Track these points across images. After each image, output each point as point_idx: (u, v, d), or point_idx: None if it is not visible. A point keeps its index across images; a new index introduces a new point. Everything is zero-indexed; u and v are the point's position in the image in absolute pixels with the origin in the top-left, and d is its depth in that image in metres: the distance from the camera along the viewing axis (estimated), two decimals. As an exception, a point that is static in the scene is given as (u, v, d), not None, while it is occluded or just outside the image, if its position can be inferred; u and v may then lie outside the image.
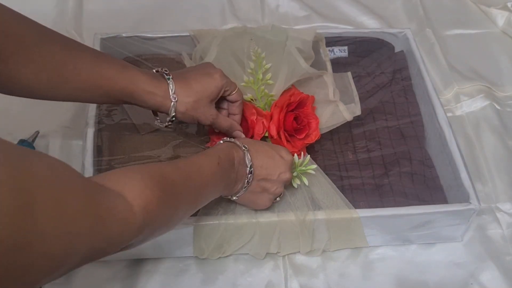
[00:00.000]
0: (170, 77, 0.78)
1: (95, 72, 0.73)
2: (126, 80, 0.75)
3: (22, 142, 0.91)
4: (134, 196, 0.55)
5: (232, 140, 0.76)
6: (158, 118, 0.83)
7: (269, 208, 0.80)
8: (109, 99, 0.77)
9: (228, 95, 0.83)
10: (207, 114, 0.81)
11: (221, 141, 0.76)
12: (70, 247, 0.46)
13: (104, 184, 0.54)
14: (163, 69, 0.79)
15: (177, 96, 0.77)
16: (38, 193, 0.42)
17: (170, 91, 0.77)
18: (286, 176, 0.77)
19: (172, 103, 0.78)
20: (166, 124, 0.82)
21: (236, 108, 0.85)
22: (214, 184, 0.70)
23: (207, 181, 0.68)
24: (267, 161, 0.76)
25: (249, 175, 0.74)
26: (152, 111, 0.83)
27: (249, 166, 0.74)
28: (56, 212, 0.44)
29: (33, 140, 0.93)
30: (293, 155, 0.87)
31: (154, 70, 0.80)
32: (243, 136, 0.86)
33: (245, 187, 0.75)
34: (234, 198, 0.76)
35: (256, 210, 0.80)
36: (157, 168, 0.62)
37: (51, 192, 0.44)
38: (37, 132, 0.94)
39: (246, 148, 0.75)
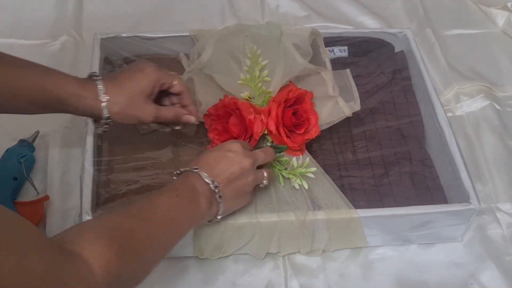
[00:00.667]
0: (99, 78, 0.76)
1: (20, 81, 0.72)
2: (52, 86, 0.73)
3: (22, 142, 0.91)
4: (93, 257, 0.54)
5: (182, 169, 0.73)
6: (98, 125, 0.80)
7: (269, 208, 0.80)
8: (34, 108, 0.75)
9: (168, 87, 0.81)
10: (146, 110, 0.78)
11: (174, 177, 0.74)
12: None
13: (65, 245, 0.53)
14: (92, 72, 0.78)
15: (108, 96, 0.75)
16: (0, 256, 0.42)
17: (99, 91, 0.75)
18: (245, 163, 0.74)
19: (104, 104, 0.75)
20: (103, 129, 0.79)
21: (185, 99, 0.83)
22: (180, 218, 0.68)
23: (170, 218, 0.66)
24: (220, 164, 0.73)
25: (216, 190, 0.72)
26: (93, 119, 0.81)
27: (210, 183, 0.71)
28: (19, 276, 0.43)
29: (33, 140, 0.93)
30: (293, 152, 0.88)
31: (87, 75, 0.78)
32: (193, 119, 0.83)
33: (220, 202, 0.72)
34: (218, 217, 0.74)
35: (256, 210, 0.80)
36: (112, 220, 0.61)
37: (14, 256, 0.43)
38: (37, 132, 0.94)
39: (197, 168, 0.72)
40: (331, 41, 1.03)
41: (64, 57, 1.09)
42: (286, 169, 0.85)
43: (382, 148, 0.93)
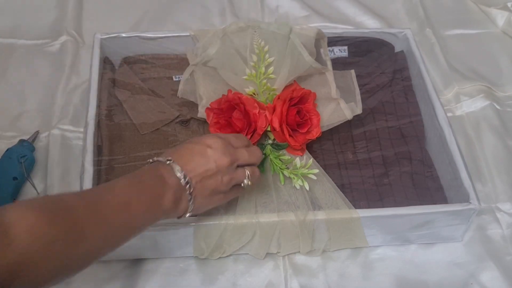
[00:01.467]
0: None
1: None
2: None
3: (22, 142, 0.91)
4: (13, 220, 0.51)
5: (155, 159, 0.69)
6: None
7: (269, 208, 0.80)
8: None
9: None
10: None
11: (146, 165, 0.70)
12: None
13: None
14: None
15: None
16: None
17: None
18: (222, 162, 0.70)
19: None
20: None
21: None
22: (136, 206, 0.63)
23: (125, 202, 0.62)
24: (196, 159, 0.69)
25: (187, 186, 0.67)
26: None
27: (182, 177, 0.67)
28: None
29: (33, 140, 0.93)
30: (293, 152, 0.88)
31: None
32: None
33: (190, 199, 0.68)
34: (187, 215, 0.70)
35: (256, 210, 0.80)
36: (55, 196, 0.58)
37: None
38: (37, 132, 0.94)
39: (170, 160, 0.68)
40: (331, 41, 1.03)
41: (64, 57, 1.10)
42: (287, 168, 0.85)
43: (382, 148, 0.93)
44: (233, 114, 0.86)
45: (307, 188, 0.82)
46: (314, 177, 0.83)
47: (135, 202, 0.63)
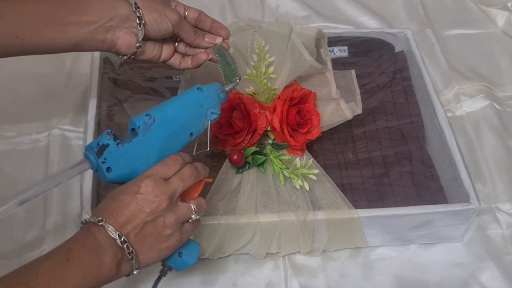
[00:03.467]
0: None
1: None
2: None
3: (215, 85, 0.73)
4: None
5: (86, 219, 0.62)
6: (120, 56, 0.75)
7: (269, 208, 0.80)
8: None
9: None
10: (170, 16, 0.73)
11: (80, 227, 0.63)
12: None
13: None
14: None
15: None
16: None
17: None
18: (157, 204, 0.62)
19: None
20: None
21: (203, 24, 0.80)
22: (70, 287, 0.56)
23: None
24: (127, 211, 0.61)
25: (125, 244, 0.60)
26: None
27: (117, 237, 0.60)
28: None
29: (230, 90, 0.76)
30: (294, 152, 0.88)
31: None
32: (217, 39, 0.79)
33: (132, 258, 0.61)
34: (135, 272, 0.63)
35: (256, 210, 0.80)
36: None
37: None
38: (237, 82, 0.76)
39: (102, 220, 0.60)
40: (331, 41, 1.03)
41: (64, 57, 1.09)
42: (287, 168, 0.85)
43: (383, 148, 0.93)
44: (233, 114, 0.86)
45: (307, 188, 0.82)
46: (314, 177, 0.83)
47: (67, 285, 0.56)
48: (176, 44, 0.79)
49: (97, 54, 0.95)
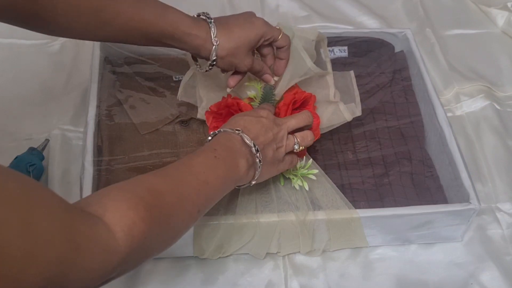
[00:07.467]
0: (212, 20, 0.78)
1: (136, 15, 0.73)
2: (167, 24, 0.75)
3: (31, 150, 0.89)
4: (115, 221, 0.50)
5: (221, 130, 0.72)
6: (197, 63, 0.85)
7: (269, 208, 0.80)
8: (148, 41, 0.77)
9: (273, 41, 0.83)
10: (245, 62, 0.81)
11: (209, 137, 0.72)
12: (34, 271, 0.41)
13: (86, 208, 0.50)
14: (205, 13, 0.80)
15: (218, 40, 0.77)
16: (2, 210, 0.39)
17: (212, 34, 0.77)
18: (276, 130, 0.75)
19: (214, 47, 0.77)
20: (206, 69, 0.81)
21: (282, 53, 0.85)
22: (216, 180, 0.65)
23: (205, 180, 0.63)
24: (257, 129, 0.72)
25: (258, 153, 0.71)
26: (192, 56, 0.84)
27: (252, 145, 0.70)
28: (23, 234, 0.40)
29: (43, 149, 0.91)
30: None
31: (195, 15, 0.80)
32: (272, 81, 0.86)
33: (259, 166, 0.71)
34: (253, 182, 0.73)
35: (256, 210, 0.80)
36: (143, 181, 0.58)
37: (18, 211, 0.40)
38: (47, 141, 0.92)
39: (239, 130, 0.71)
40: (331, 41, 1.03)
41: (64, 57, 1.09)
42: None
43: (382, 148, 0.93)
44: None
45: (307, 188, 0.82)
46: (313, 178, 0.83)
47: (213, 178, 0.65)
48: None
49: (97, 54, 0.95)
